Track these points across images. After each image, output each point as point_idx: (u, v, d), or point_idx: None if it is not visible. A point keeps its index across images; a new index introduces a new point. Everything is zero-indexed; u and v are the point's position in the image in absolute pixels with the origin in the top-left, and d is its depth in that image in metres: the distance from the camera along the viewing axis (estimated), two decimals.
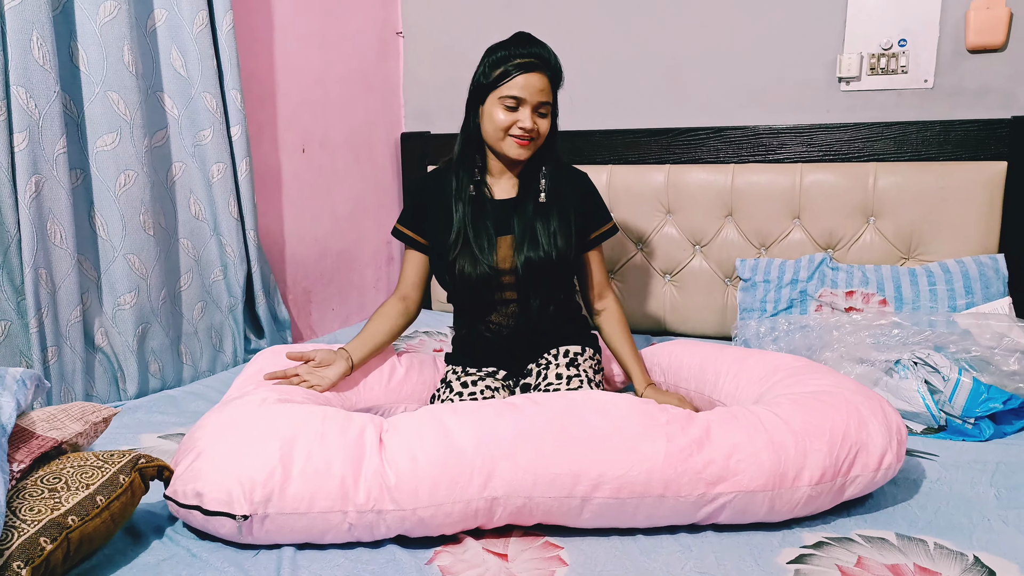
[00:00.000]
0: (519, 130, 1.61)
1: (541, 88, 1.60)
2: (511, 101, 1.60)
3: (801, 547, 1.20)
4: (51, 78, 1.66)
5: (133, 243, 1.89)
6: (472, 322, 1.76)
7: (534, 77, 1.59)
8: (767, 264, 2.21)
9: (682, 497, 1.20)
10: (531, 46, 1.62)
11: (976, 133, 2.09)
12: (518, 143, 1.63)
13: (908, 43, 2.17)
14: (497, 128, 1.62)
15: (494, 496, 1.19)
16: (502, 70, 1.60)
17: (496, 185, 1.73)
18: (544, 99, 1.62)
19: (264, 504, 1.15)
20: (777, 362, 1.56)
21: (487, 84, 1.62)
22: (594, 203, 1.80)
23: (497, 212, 1.70)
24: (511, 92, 1.59)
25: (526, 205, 1.70)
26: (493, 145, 1.67)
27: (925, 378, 1.66)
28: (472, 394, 1.65)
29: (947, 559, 1.16)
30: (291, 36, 2.40)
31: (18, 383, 1.24)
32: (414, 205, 1.78)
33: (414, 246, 1.77)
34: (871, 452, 1.26)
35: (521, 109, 1.60)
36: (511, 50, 1.61)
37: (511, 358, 1.75)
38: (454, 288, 1.72)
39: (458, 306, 1.79)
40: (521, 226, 1.68)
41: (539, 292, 1.70)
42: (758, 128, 2.31)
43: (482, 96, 1.64)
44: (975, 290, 1.97)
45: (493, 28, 2.72)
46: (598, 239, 1.79)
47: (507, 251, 1.69)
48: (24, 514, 1.03)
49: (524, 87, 1.59)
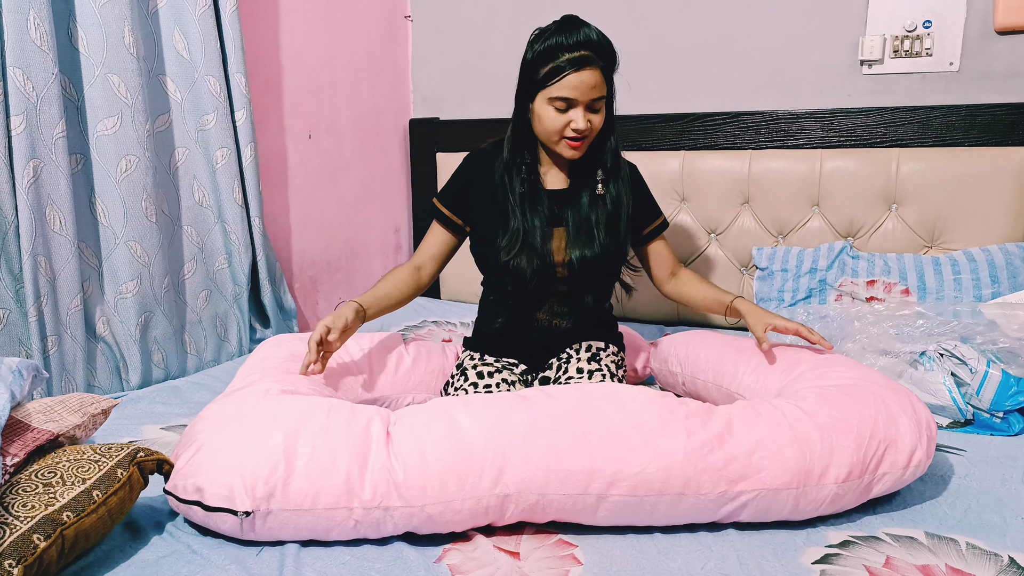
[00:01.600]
0: (572, 131, 1.52)
1: (593, 84, 1.49)
2: (561, 104, 1.50)
3: (826, 546, 1.15)
4: (49, 59, 1.62)
5: (135, 230, 1.85)
6: (514, 315, 1.68)
7: (585, 74, 1.48)
8: (785, 253, 2.16)
9: (702, 495, 1.15)
10: (579, 31, 1.49)
11: (1004, 117, 2.02)
12: (571, 144, 1.54)
13: (933, 24, 2.10)
14: (550, 131, 1.54)
15: (506, 493, 1.14)
16: (551, 68, 1.49)
17: (548, 175, 1.67)
18: (597, 95, 1.51)
19: (267, 500, 1.11)
20: (799, 354, 1.50)
21: (536, 82, 1.52)
22: (645, 198, 1.75)
23: (550, 203, 1.64)
24: (561, 94, 1.49)
25: (579, 197, 1.63)
26: (546, 143, 1.60)
27: (951, 370, 1.60)
28: (487, 386, 1.61)
29: (981, 560, 1.11)
30: (297, 18, 2.35)
31: (14, 373, 1.20)
32: (459, 185, 1.71)
33: (447, 224, 1.71)
34: (900, 449, 1.21)
35: (572, 110, 1.51)
36: (558, 39, 1.48)
37: (536, 351, 1.69)
38: (505, 281, 1.64)
39: (499, 297, 1.71)
40: (575, 220, 1.62)
41: (593, 288, 1.66)
42: (776, 113, 2.25)
43: (531, 93, 1.55)
44: (1001, 279, 1.91)
45: (504, 12, 2.69)
46: (651, 235, 1.76)
47: (559, 243, 1.62)
48: (17, 510, 0.99)
49: (575, 87, 1.48)
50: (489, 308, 1.75)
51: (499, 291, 1.69)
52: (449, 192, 1.72)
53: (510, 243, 1.60)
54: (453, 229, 1.72)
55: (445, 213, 1.71)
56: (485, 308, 1.77)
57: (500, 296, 1.70)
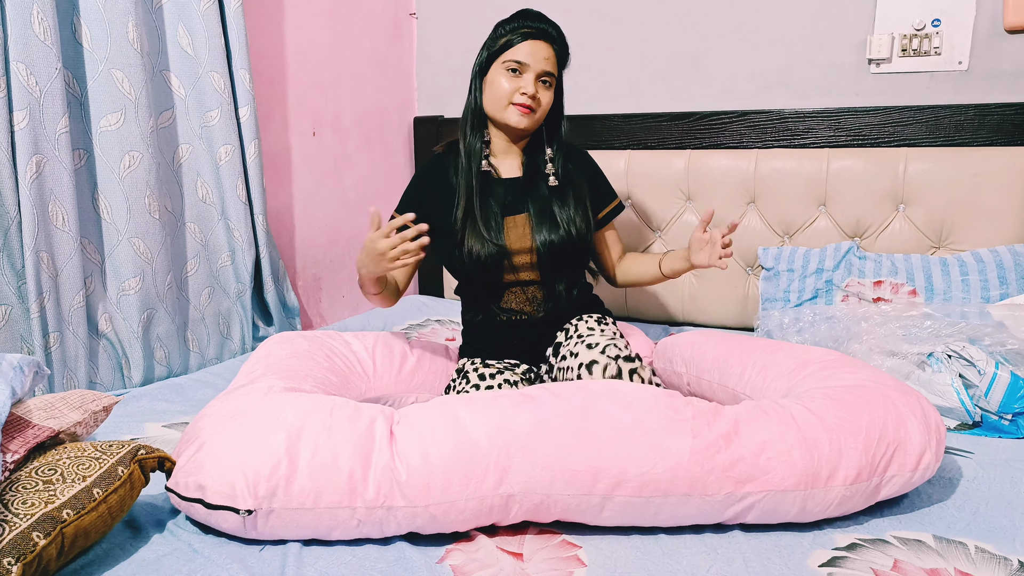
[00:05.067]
0: (522, 96, 1.60)
1: (546, 57, 1.61)
2: (514, 65, 1.60)
3: (833, 549, 1.14)
4: (53, 54, 1.61)
5: (138, 226, 1.84)
6: (487, 308, 1.70)
7: (539, 45, 1.61)
8: (791, 253, 2.14)
9: (708, 496, 1.14)
10: (538, 20, 1.63)
11: (1013, 117, 2.00)
12: (520, 110, 1.61)
13: (942, 23, 2.08)
14: (500, 96, 1.62)
15: (510, 493, 1.13)
16: (507, 39, 1.62)
17: (501, 164, 1.71)
18: (548, 68, 1.62)
19: (269, 498, 1.10)
20: (808, 355, 1.49)
21: (491, 53, 1.63)
22: (599, 181, 1.81)
23: (505, 191, 1.68)
24: (515, 56, 1.60)
25: (537, 185, 1.68)
26: (495, 115, 1.65)
27: (959, 372, 1.59)
28: (489, 387, 1.60)
29: (990, 564, 1.10)
30: (302, 15, 2.34)
31: (15, 370, 1.19)
32: (415, 193, 1.74)
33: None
34: (908, 451, 1.20)
35: (524, 75, 1.61)
36: (518, 22, 1.63)
37: (531, 347, 1.69)
38: (465, 270, 1.67)
39: (470, 293, 1.74)
40: (537, 207, 1.66)
41: (563, 275, 1.68)
42: (783, 112, 2.23)
43: (486, 66, 1.65)
44: (1009, 280, 1.89)
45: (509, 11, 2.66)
46: (608, 217, 1.81)
47: (524, 230, 1.66)
48: (16, 507, 0.98)
49: (528, 53, 1.60)
50: (468, 310, 1.78)
51: (466, 284, 1.73)
52: (406, 202, 1.74)
53: (461, 220, 1.63)
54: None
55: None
56: (466, 312, 1.79)
57: (470, 293, 1.74)
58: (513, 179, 1.70)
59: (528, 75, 1.60)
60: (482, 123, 1.69)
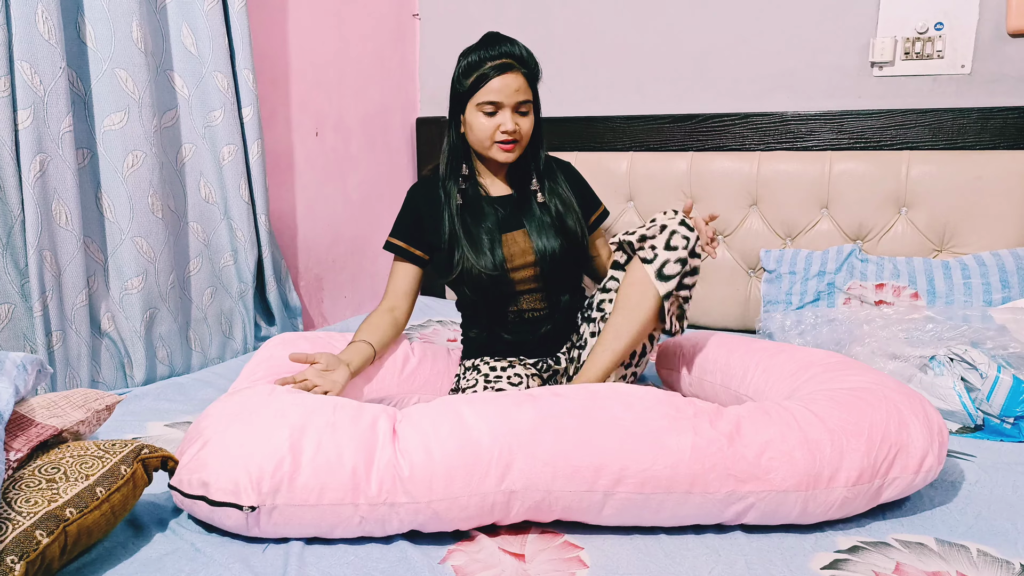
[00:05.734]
0: (502, 135, 1.59)
1: (517, 88, 1.58)
2: (489, 107, 1.58)
3: (835, 551, 1.14)
4: (57, 53, 1.61)
5: (141, 226, 1.84)
6: (491, 324, 1.71)
7: (508, 78, 1.57)
8: (793, 255, 2.14)
9: (710, 494, 1.14)
10: (501, 45, 1.59)
11: (1016, 121, 2.00)
12: (503, 148, 1.61)
13: (945, 27, 2.09)
14: (482, 138, 1.61)
15: (512, 489, 1.13)
16: (475, 76, 1.58)
17: (491, 185, 1.72)
18: (522, 98, 1.59)
19: (272, 495, 1.10)
20: (811, 358, 1.49)
21: (463, 92, 1.61)
22: (583, 190, 1.81)
23: (499, 208, 1.68)
24: (488, 98, 1.57)
25: (528, 201, 1.70)
26: (482, 153, 1.65)
27: (961, 375, 1.59)
28: (499, 378, 1.61)
29: (992, 567, 1.09)
30: (305, 15, 2.35)
31: (18, 368, 1.20)
32: (410, 217, 1.72)
33: (408, 258, 1.71)
34: (911, 453, 1.20)
35: (500, 113, 1.59)
36: (481, 53, 1.58)
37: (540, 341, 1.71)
38: (471, 293, 1.68)
39: (472, 312, 1.75)
40: (533, 221, 1.67)
41: (565, 285, 1.70)
42: (786, 114, 2.24)
43: (461, 105, 1.63)
44: (1012, 284, 1.89)
45: (512, 11, 2.68)
46: (596, 223, 1.82)
47: (524, 245, 1.66)
48: (20, 506, 0.98)
49: (500, 90, 1.57)
50: (468, 324, 1.78)
51: (469, 305, 1.73)
52: (401, 226, 1.73)
53: (451, 248, 1.65)
54: (415, 261, 1.71)
55: (403, 247, 1.70)
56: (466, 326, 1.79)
57: (473, 312, 1.74)
58: (504, 196, 1.70)
59: (505, 111, 1.58)
60: (465, 154, 1.69)
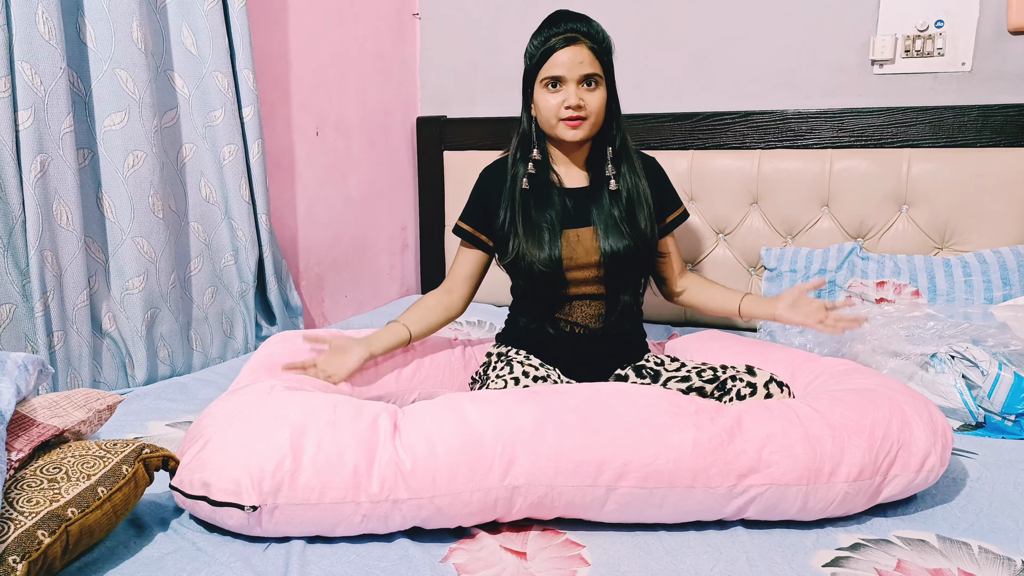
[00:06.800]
0: (566, 110, 1.53)
1: (581, 60, 1.52)
2: (552, 80, 1.53)
3: (837, 549, 1.14)
4: (57, 54, 1.61)
5: (142, 226, 1.84)
6: (541, 317, 1.65)
7: (571, 51, 1.51)
8: (794, 253, 2.14)
9: (712, 488, 1.15)
10: (567, 21, 1.54)
11: (1016, 118, 2.00)
12: (569, 125, 1.55)
13: (945, 24, 2.08)
14: (547, 116, 1.56)
15: (515, 485, 1.13)
16: (540, 53, 1.54)
17: (566, 174, 1.66)
18: (587, 70, 1.52)
19: (274, 494, 1.10)
20: (819, 364, 1.49)
21: (529, 71, 1.57)
22: (664, 187, 1.74)
23: (569, 201, 1.63)
24: (550, 72, 1.53)
25: (601, 193, 1.63)
26: (549, 133, 1.60)
27: (963, 372, 1.59)
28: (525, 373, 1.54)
29: (993, 564, 1.09)
30: (305, 15, 2.34)
31: (19, 368, 1.20)
32: (479, 201, 1.70)
33: (474, 243, 1.70)
34: (913, 452, 1.20)
35: (564, 87, 1.53)
36: (547, 31, 1.55)
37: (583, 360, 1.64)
38: (524, 282, 1.64)
39: (528, 302, 1.69)
40: (601, 217, 1.61)
41: (627, 286, 1.64)
42: (786, 113, 2.23)
43: (530, 86, 1.58)
44: (1013, 281, 1.89)
45: (513, 11, 2.67)
46: (671, 225, 1.74)
47: (590, 244, 1.60)
48: (22, 505, 0.99)
49: (562, 63, 1.52)
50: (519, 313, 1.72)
51: (524, 296, 1.68)
52: (471, 210, 1.71)
53: (515, 239, 1.60)
54: (480, 246, 1.70)
55: (469, 231, 1.70)
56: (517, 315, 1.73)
57: (529, 301, 1.68)
58: (578, 189, 1.64)
59: (568, 86, 1.53)
60: (530, 147, 1.64)
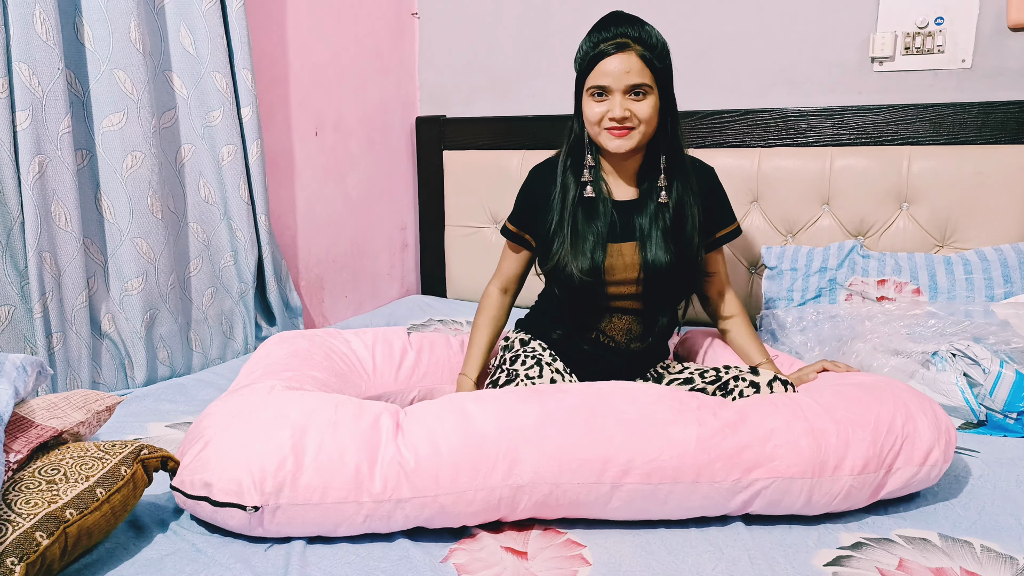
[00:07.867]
0: (610, 121, 1.48)
1: (628, 69, 1.45)
2: (597, 91, 1.48)
3: (838, 548, 1.14)
4: (55, 54, 1.61)
5: (141, 227, 1.84)
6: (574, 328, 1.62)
7: (618, 59, 1.45)
8: (794, 251, 2.14)
9: (716, 483, 1.15)
10: (617, 25, 1.48)
11: (1017, 115, 2.00)
12: (612, 134, 1.49)
13: (945, 21, 2.08)
14: (592, 124, 1.51)
15: (519, 484, 1.13)
16: (590, 58, 1.48)
17: (615, 185, 1.60)
18: (634, 80, 1.45)
19: (276, 494, 1.10)
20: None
21: (578, 78, 1.53)
22: (718, 201, 1.67)
23: (616, 214, 1.58)
24: (595, 82, 1.48)
25: (648, 206, 1.56)
26: (595, 141, 1.55)
27: (964, 370, 1.58)
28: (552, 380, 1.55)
29: (996, 563, 1.09)
30: (304, 15, 2.34)
31: (18, 370, 1.19)
32: (527, 201, 1.67)
33: (521, 243, 1.69)
34: (917, 445, 1.20)
35: (610, 97, 1.48)
36: (597, 35, 1.49)
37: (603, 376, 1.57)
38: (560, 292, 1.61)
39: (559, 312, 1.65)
40: (644, 232, 1.55)
41: (667, 305, 1.60)
42: (786, 110, 2.23)
43: (579, 94, 1.54)
44: (1014, 279, 1.88)
45: (512, 10, 2.67)
46: (721, 240, 1.68)
47: (631, 258, 1.55)
48: (20, 507, 0.98)
49: (608, 72, 1.46)
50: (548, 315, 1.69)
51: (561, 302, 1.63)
52: (518, 211, 1.69)
53: (559, 246, 1.56)
54: (526, 246, 1.70)
55: (515, 232, 1.69)
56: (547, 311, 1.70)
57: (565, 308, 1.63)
58: (627, 202, 1.59)
59: (614, 96, 1.46)
60: (582, 152, 1.58)
